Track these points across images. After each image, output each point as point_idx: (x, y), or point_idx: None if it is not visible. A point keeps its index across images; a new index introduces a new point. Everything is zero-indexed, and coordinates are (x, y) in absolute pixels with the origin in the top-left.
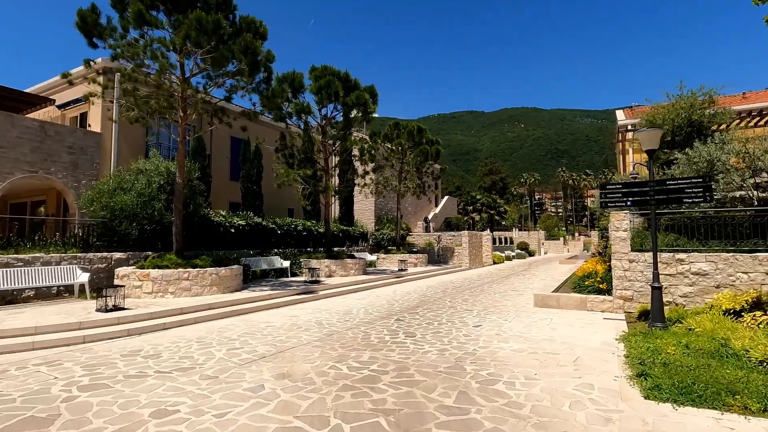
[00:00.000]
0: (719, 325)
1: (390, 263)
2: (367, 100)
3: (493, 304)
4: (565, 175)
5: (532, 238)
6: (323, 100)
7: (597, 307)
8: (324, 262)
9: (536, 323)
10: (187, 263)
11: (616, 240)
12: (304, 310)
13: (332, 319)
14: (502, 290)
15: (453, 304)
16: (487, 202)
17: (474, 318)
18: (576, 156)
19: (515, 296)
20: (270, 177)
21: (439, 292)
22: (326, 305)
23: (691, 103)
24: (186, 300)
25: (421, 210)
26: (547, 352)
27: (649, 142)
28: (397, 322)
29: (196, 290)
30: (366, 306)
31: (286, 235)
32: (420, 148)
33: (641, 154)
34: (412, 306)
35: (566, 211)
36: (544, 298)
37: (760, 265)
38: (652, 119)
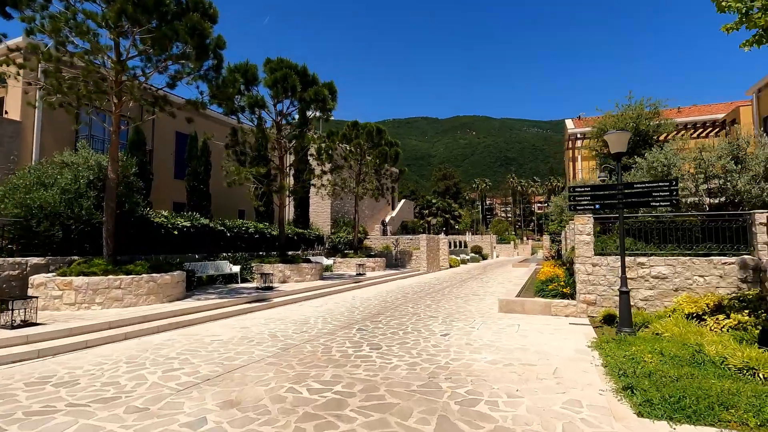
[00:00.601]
0: (686, 330)
1: (347, 267)
2: (326, 97)
3: (456, 309)
4: (514, 181)
5: (485, 242)
6: (279, 95)
7: (561, 311)
8: (278, 267)
9: (504, 330)
10: (119, 269)
11: (579, 244)
12: (255, 321)
13: (288, 330)
14: (463, 295)
15: (416, 311)
16: (442, 206)
17: (440, 325)
18: (523, 164)
19: (477, 301)
20: (219, 176)
21: (400, 297)
22: (281, 314)
23: (638, 113)
24: (117, 312)
25: (378, 213)
26: (523, 363)
27: (618, 145)
28: (360, 332)
29: (129, 300)
30: (324, 314)
31: (237, 238)
32: (379, 149)
33: (589, 161)
34: (374, 313)
35: (515, 215)
36: (508, 303)
37: (715, 269)
38: (603, 127)
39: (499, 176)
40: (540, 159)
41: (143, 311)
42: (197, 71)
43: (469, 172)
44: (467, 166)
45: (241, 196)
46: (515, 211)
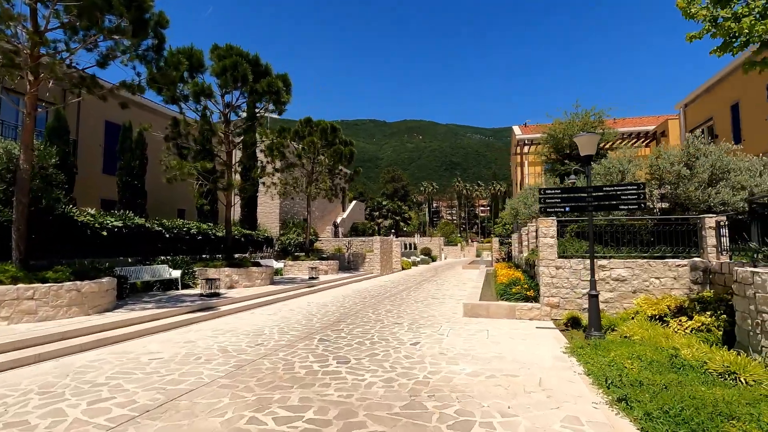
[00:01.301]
0: (654, 333)
1: (299, 271)
2: (281, 89)
3: (420, 314)
4: (459, 185)
5: (433, 244)
6: (227, 84)
7: (525, 315)
8: (224, 271)
9: (475, 337)
10: (33, 276)
11: (543, 246)
12: (202, 333)
13: (240, 343)
14: (422, 298)
15: (378, 317)
16: (392, 208)
17: (407, 333)
18: (467, 168)
19: (439, 305)
20: (155, 171)
21: (358, 302)
22: (230, 324)
23: (585, 121)
24: (29, 327)
25: (328, 214)
26: (506, 374)
27: (587, 147)
28: (323, 344)
29: (45, 313)
30: (280, 323)
31: (177, 240)
32: (334, 148)
33: (536, 167)
34: (334, 321)
35: (460, 218)
36: (473, 307)
37: (669, 271)
38: (554, 133)
39: (445, 180)
40: (482, 164)
41: (63, 326)
42: (134, 50)
43: (416, 175)
44: (414, 169)
45: (182, 194)
46: (460, 214)
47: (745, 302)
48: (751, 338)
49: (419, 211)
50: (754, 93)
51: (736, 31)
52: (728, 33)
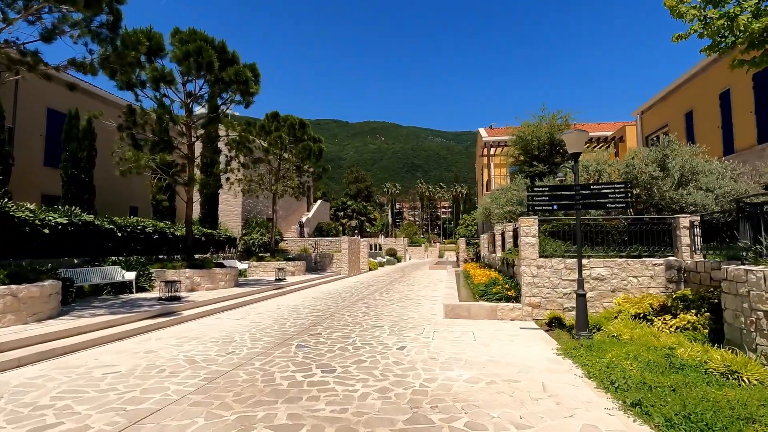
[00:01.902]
0: (642, 332)
1: (264, 272)
2: (249, 79)
3: (398, 316)
4: (422, 187)
5: (398, 245)
6: (190, 71)
7: (507, 315)
8: (185, 273)
9: (461, 339)
10: None
11: (525, 246)
12: (164, 341)
13: (209, 351)
14: (396, 299)
15: (356, 320)
16: (358, 208)
17: (390, 337)
18: (428, 171)
19: (415, 306)
20: (105, 164)
21: (331, 304)
22: (195, 331)
23: (552, 124)
24: None
25: (292, 214)
26: (506, 379)
27: (575, 145)
28: (302, 350)
29: None
30: (250, 328)
31: (131, 239)
32: (303, 144)
33: (501, 168)
34: (309, 325)
35: (422, 219)
36: (454, 308)
37: (647, 270)
38: (523, 135)
39: (407, 181)
40: (443, 167)
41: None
42: (86, 25)
43: (378, 176)
44: (376, 170)
45: (134, 190)
46: (422, 216)
47: (737, 300)
48: (744, 336)
49: (382, 212)
50: (706, 102)
51: (727, 31)
52: (718, 32)
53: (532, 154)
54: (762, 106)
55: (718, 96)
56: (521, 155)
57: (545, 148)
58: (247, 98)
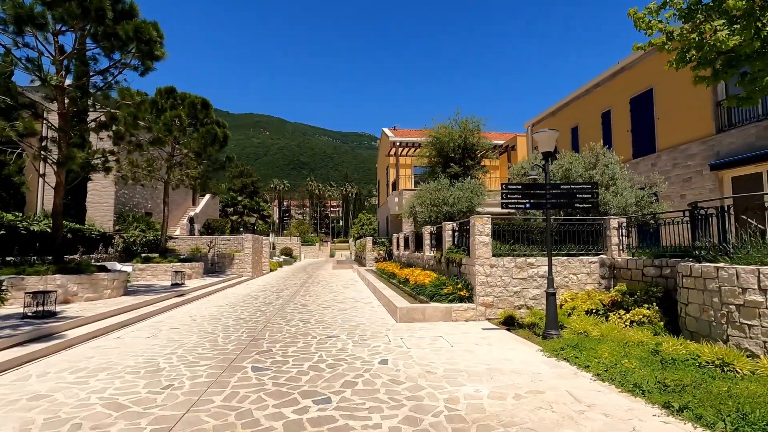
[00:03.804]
0: (606, 327)
1: (153, 276)
2: (153, 39)
3: (347, 323)
4: (312, 185)
5: (291, 244)
6: (71, 16)
7: (461, 316)
8: (55, 280)
9: (438, 346)
10: None
11: (479, 245)
12: (54, 379)
13: (135, 388)
14: (327, 303)
15: (300, 329)
16: (250, 204)
17: (357, 348)
18: (315, 169)
19: (355, 311)
20: None
21: (255, 311)
22: (96, 359)
23: (464, 127)
24: None
25: (176, 208)
26: (528, 391)
27: (546, 144)
28: (263, 374)
29: None
30: (174, 349)
31: None
32: (207, 128)
33: (406, 169)
34: (247, 339)
35: (311, 218)
36: (409, 311)
37: (584, 267)
38: (439, 136)
39: (292, 179)
40: (330, 166)
41: None
42: None
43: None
44: (260, 166)
45: None
46: (312, 214)
47: (705, 296)
48: (714, 328)
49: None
50: (590, 119)
51: (698, 45)
52: (691, 45)
53: (447, 156)
54: (636, 126)
55: (600, 115)
56: (435, 156)
57: (458, 151)
58: (147, 63)
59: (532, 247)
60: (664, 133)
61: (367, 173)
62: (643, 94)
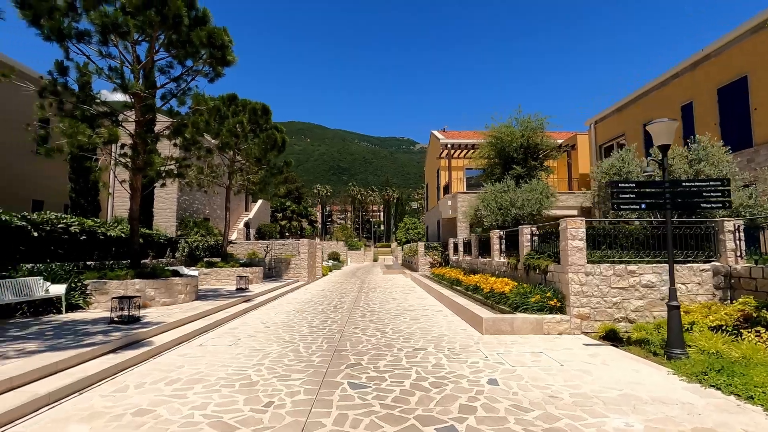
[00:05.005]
0: (748, 348)
1: (217, 280)
2: (225, 44)
3: (426, 333)
4: (354, 190)
5: (339, 249)
6: (152, 26)
7: (554, 329)
8: (134, 285)
9: (546, 364)
10: None
11: (572, 250)
12: (150, 390)
13: (236, 403)
14: (394, 310)
15: (380, 340)
16: (298, 209)
17: (453, 363)
18: (355, 174)
19: (427, 318)
20: (8, 146)
21: (325, 318)
22: (186, 368)
23: (526, 126)
24: None
25: (232, 214)
26: (694, 428)
27: (664, 136)
28: (362, 392)
29: None
30: (258, 359)
31: (50, 241)
32: (267, 133)
33: (458, 171)
34: (329, 349)
35: (353, 223)
36: (496, 322)
37: (694, 276)
38: (501, 136)
39: (332, 184)
40: (369, 171)
41: None
42: None
43: (304, 178)
44: (301, 172)
45: (37, 180)
46: (353, 219)
47: None
48: None
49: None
50: (664, 113)
51: None
52: None
53: (508, 156)
54: (726, 118)
55: (680, 108)
56: (495, 157)
57: (521, 151)
58: (218, 69)
59: (623, 252)
60: (763, 125)
61: (406, 177)
62: (735, 83)
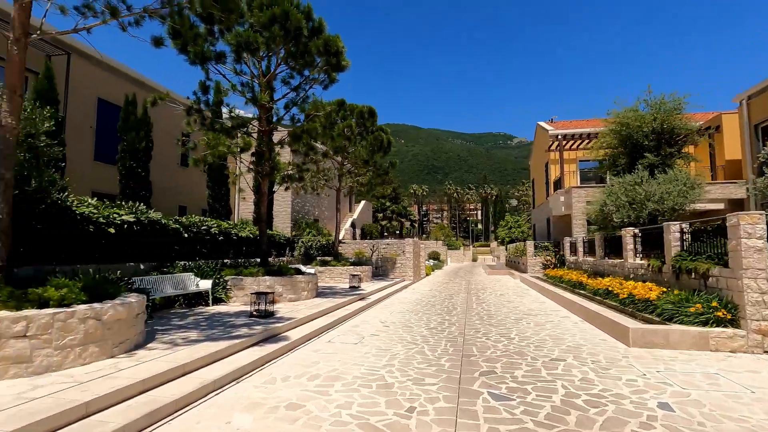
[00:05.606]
0: None
1: (331, 278)
2: (339, 50)
3: (560, 341)
4: (451, 188)
5: (438, 248)
6: (276, 41)
7: (724, 345)
8: (264, 281)
9: (720, 388)
10: (22, 296)
11: (746, 251)
12: (294, 384)
13: (378, 406)
14: (512, 314)
15: (510, 347)
16: (397, 209)
17: (608, 380)
18: (449, 172)
19: (553, 326)
20: (160, 159)
21: (442, 321)
22: (321, 365)
23: (658, 108)
24: (17, 393)
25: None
26: None
27: None
28: (511, 407)
29: (46, 360)
30: (387, 359)
31: (196, 241)
32: (374, 135)
33: (570, 164)
34: (454, 353)
35: (450, 222)
36: (645, 333)
37: None
38: (628, 122)
39: (427, 183)
40: (464, 169)
41: (81, 390)
42: None
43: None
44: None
45: (181, 187)
46: (450, 218)
47: None
48: None
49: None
50: None
51: None
52: None
53: (636, 144)
54: None
55: None
56: (618, 146)
57: (652, 137)
58: (332, 75)
59: None
60: None
61: (504, 174)
62: None
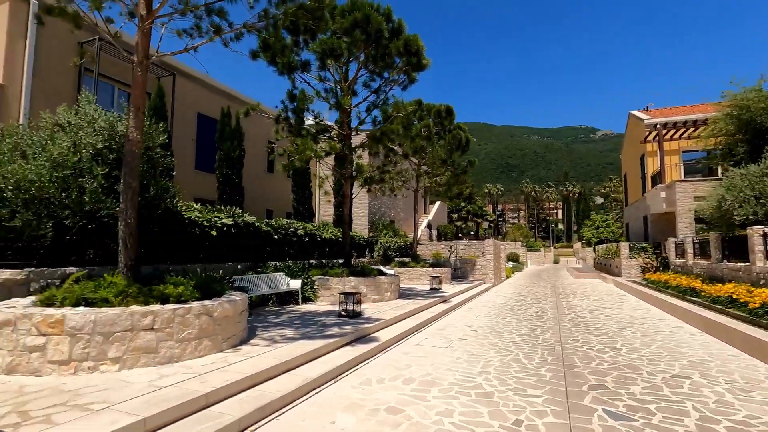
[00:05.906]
0: None
1: (410, 279)
2: (420, 49)
3: (678, 355)
4: (528, 187)
5: (517, 249)
6: (357, 45)
7: None
8: (349, 282)
9: None
10: (148, 292)
11: None
12: (390, 387)
13: (483, 418)
14: (615, 322)
15: (618, 359)
16: (473, 210)
17: (752, 404)
18: (525, 170)
19: (671, 337)
20: (250, 166)
21: (534, 327)
22: (413, 368)
23: None
24: (149, 381)
25: (412, 215)
26: None
27: None
28: (634, 430)
29: (170, 351)
30: (478, 367)
31: (284, 243)
32: (453, 133)
33: (672, 156)
34: (560, 365)
35: (528, 222)
36: None
37: None
38: (749, 104)
39: (502, 182)
40: (542, 166)
41: (201, 381)
42: None
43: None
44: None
45: (267, 192)
46: (527, 217)
47: None
48: None
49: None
50: None
51: None
52: None
53: (761, 129)
54: None
55: None
56: (735, 132)
57: None
58: (411, 75)
59: None
60: None
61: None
62: None
